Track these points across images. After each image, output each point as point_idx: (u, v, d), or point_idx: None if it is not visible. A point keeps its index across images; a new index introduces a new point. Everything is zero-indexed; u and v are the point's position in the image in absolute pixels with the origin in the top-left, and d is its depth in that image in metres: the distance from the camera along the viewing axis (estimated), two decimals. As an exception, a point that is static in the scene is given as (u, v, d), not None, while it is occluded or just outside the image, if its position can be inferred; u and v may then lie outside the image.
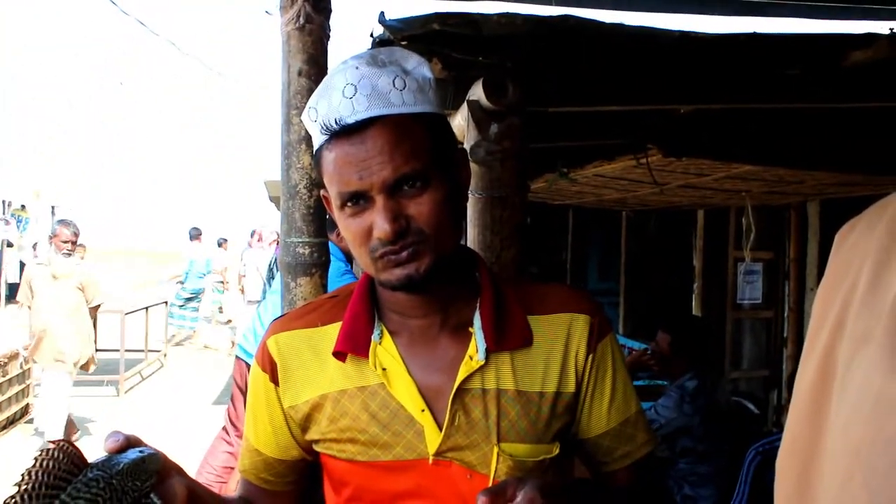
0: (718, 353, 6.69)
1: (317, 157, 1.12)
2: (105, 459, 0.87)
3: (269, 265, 13.01)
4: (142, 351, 10.79)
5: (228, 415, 3.30)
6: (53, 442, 0.82)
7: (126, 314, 9.73)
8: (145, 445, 0.95)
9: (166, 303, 12.32)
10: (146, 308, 10.79)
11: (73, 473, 0.83)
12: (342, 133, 1.05)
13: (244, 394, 2.99)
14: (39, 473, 0.79)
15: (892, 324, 0.51)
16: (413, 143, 1.05)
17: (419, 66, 1.12)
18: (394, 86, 1.06)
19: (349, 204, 1.07)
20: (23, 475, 0.79)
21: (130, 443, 0.94)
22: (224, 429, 3.33)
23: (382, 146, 1.04)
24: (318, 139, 1.11)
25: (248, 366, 2.76)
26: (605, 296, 9.25)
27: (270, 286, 13.06)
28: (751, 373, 6.53)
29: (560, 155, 3.92)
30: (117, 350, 9.38)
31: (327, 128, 1.06)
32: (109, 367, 9.43)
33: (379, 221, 1.04)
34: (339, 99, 1.05)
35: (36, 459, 0.80)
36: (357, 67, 1.07)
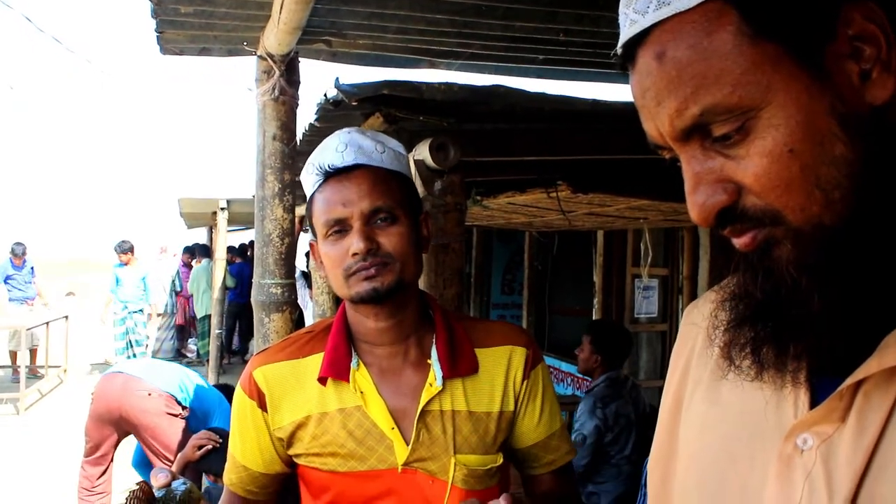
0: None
1: (309, 203, 1.43)
2: (164, 494, 1.11)
3: (173, 278, 12.94)
4: (42, 367, 10.55)
5: None
6: (137, 483, 1.06)
7: (28, 329, 9.51)
8: (181, 478, 1.20)
9: (66, 317, 12.03)
10: (47, 323, 10.55)
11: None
12: (333, 175, 1.38)
13: None
14: None
15: (713, 376, 0.79)
16: (386, 187, 1.38)
17: (396, 145, 1.46)
18: (375, 149, 1.40)
19: (333, 231, 1.37)
20: None
21: (173, 477, 1.18)
22: None
23: (363, 185, 1.35)
24: (312, 187, 1.41)
25: None
26: (508, 309, 9.59)
27: (174, 300, 12.73)
28: (647, 382, 6.93)
29: (475, 183, 4.21)
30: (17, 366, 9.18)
31: (322, 171, 1.38)
32: (7, 385, 9.22)
33: (355, 241, 1.34)
34: (333, 153, 1.38)
35: (127, 498, 1.04)
36: (348, 133, 1.42)
